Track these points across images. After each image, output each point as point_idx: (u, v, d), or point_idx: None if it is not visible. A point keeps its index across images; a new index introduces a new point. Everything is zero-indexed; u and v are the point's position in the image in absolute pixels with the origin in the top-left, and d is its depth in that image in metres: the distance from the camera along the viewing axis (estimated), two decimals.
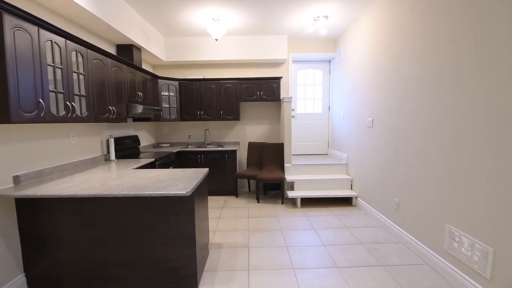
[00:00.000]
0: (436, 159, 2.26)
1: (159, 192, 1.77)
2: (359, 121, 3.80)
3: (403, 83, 2.72)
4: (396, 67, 2.85)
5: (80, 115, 2.37)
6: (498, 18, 1.69)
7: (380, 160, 3.21)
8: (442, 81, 2.19)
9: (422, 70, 2.43)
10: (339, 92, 4.64)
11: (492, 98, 1.74)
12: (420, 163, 2.47)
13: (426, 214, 2.40)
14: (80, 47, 2.38)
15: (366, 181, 3.61)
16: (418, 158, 2.50)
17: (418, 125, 2.50)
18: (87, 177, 2.26)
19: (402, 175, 2.75)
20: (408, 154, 2.66)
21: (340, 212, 3.69)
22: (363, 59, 3.63)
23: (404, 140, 2.72)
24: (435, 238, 2.29)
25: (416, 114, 2.51)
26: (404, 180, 2.72)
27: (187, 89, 4.58)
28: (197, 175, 2.28)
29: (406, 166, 2.69)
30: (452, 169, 2.09)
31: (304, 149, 5.32)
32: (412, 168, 2.59)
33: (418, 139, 2.50)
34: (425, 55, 2.39)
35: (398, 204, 2.84)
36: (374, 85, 3.34)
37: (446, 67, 2.14)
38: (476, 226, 1.88)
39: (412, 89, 2.57)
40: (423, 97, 2.42)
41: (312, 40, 4.79)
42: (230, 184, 4.47)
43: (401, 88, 2.76)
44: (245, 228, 3.18)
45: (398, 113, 2.82)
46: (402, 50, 2.73)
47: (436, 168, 2.26)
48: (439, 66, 2.22)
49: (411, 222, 2.61)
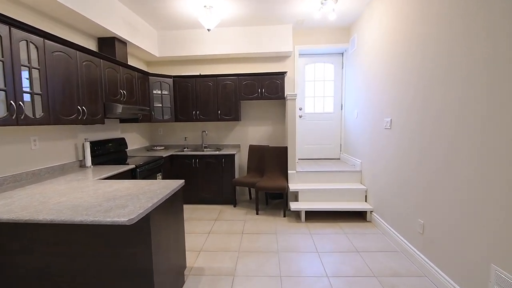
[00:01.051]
0: (474, 175, 1.68)
1: (93, 219, 1.34)
2: (374, 122, 3.22)
3: (427, 77, 2.14)
4: (419, 58, 2.26)
5: (32, 117, 2.00)
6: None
7: (400, 169, 2.63)
8: (475, 77, 1.60)
9: (451, 62, 1.84)
10: (353, 88, 4.05)
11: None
12: (453, 179, 1.88)
13: (463, 247, 1.81)
14: (32, 36, 2.01)
15: (383, 193, 3.02)
16: (449, 171, 1.92)
17: (447, 128, 1.91)
18: (37, 191, 1.89)
19: (429, 191, 2.17)
20: (436, 164, 2.07)
21: (351, 229, 3.12)
22: (379, 49, 3.05)
23: (430, 146, 2.13)
24: (474, 279, 1.71)
25: (444, 115, 1.93)
26: (432, 198, 2.13)
27: (181, 87, 4.18)
28: (163, 190, 1.84)
29: (433, 180, 2.11)
30: (502, 193, 1.50)
31: (313, 153, 4.76)
32: (442, 184, 2.01)
33: (448, 146, 1.91)
34: (455, 45, 1.80)
35: (423, 227, 2.25)
36: (392, 79, 2.75)
37: (480, 60, 1.55)
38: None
39: (439, 84, 1.98)
40: (452, 94, 1.83)
41: (322, 29, 4.23)
42: (228, 191, 4.02)
43: (425, 83, 2.17)
44: (236, 248, 2.71)
45: (422, 113, 2.23)
46: (427, 37, 2.14)
47: (477, 188, 1.68)
48: (472, 58, 1.63)
49: (441, 252, 2.03)
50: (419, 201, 2.31)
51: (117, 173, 2.61)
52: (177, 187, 1.99)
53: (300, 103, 4.66)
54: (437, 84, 2.04)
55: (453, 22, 1.87)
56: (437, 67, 2.05)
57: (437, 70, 2.04)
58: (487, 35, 1.59)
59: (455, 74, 1.85)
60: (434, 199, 2.10)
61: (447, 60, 1.94)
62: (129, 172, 2.87)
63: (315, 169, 3.83)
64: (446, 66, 1.94)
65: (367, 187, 3.49)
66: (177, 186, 1.98)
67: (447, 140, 1.95)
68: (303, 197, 3.57)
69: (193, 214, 3.68)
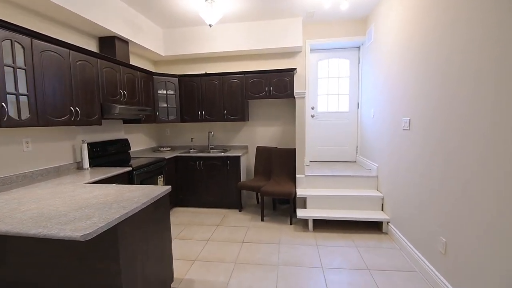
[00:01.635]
0: (506, 188, 1.33)
1: (47, 233, 1.20)
2: (392, 122, 2.86)
3: (453, 72, 1.79)
4: (443, 49, 1.91)
5: (16, 119, 1.94)
6: None
7: (420, 176, 2.28)
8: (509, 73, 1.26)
9: (482, 56, 1.50)
10: (369, 85, 3.69)
11: None
12: (485, 194, 1.54)
13: (493, 277, 1.46)
14: (17, 35, 1.95)
15: (401, 202, 2.67)
16: (481, 184, 1.57)
17: (478, 133, 1.56)
18: (17, 195, 1.81)
19: (454, 205, 1.82)
20: (463, 175, 1.72)
21: (363, 242, 2.80)
22: (398, 40, 2.69)
23: (457, 153, 1.79)
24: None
25: (474, 117, 1.58)
26: (457, 214, 1.78)
27: (187, 86, 4.06)
28: (141, 198, 1.68)
29: (459, 192, 1.76)
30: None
31: (326, 155, 4.44)
32: (470, 198, 1.66)
33: (480, 155, 1.57)
34: (488, 36, 1.45)
35: (445, 246, 1.90)
36: (412, 74, 2.40)
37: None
38: None
39: (467, 80, 1.63)
40: (482, 92, 1.49)
41: (335, 21, 3.90)
42: (233, 195, 3.83)
43: (451, 78, 1.82)
44: (233, 259, 2.51)
45: (446, 112, 1.88)
46: (453, 27, 1.79)
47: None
48: (505, 50, 1.29)
49: (470, 281, 1.68)
50: (441, 216, 1.96)
51: (111, 176, 2.51)
52: (160, 194, 1.83)
53: (313, 102, 4.36)
54: (465, 79, 1.69)
55: (486, 9, 1.53)
56: (464, 61, 1.70)
57: (464, 65, 1.69)
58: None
59: (487, 69, 1.50)
60: (460, 215, 1.75)
61: (477, 54, 1.59)
62: (126, 175, 2.77)
63: (326, 173, 3.53)
64: (477, 60, 1.59)
65: (384, 194, 3.13)
66: (159, 193, 1.82)
67: (478, 148, 1.60)
68: (311, 204, 3.29)
69: (195, 219, 3.53)
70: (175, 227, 3.28)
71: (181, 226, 3.29)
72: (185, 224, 3.36)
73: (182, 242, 2.87)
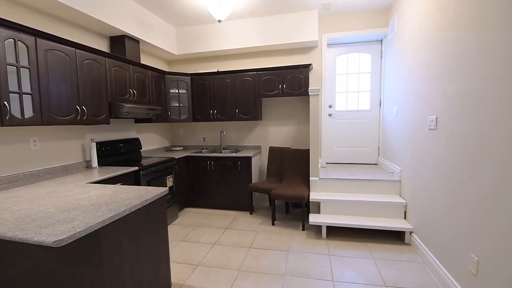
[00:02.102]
0: None
1: (22, 237, 1.13)
2: (416, 121, 2.57)
3: (484, 64, 1.51)
4: (475, 37, 1.63)
5: (19, 118, 1.94)
6: None
7: (448, 182, 1.99)
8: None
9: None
10: (392, 81, 3.38)
11: None
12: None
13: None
14: (21, 35, 1.96)
15: (427, 210, 2.38)
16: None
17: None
18: (16, 194, 1.81)
19: (488, 217, 1.54)
20: (499, 183, 1.44)
21: (382, 253, 2.53)
22: (425, 30, 2.40)
23: (491, 155, 1.50)
24: None
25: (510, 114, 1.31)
26: (492, 229, 1.50)
27: (199, 85, 4.00)
28: (132, 201, 1.59)
29: (494, 203, 1.48)
30: None
31: (345, 157, 4.16)
32: (508, 210, 1.38)
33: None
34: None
35: (477, 265, 1.62)
36: (439, 68, 2.11)
37: None
38: None
39: (499, 73, 1.36)
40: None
41: (354, 13, 3.63)
42: (244, 197, 3.70)
43: (482, 72, 1.54)
44: (237, 266, 2.37)
45: (479, 110, 1.60)
46: (488, 10, 1.51)
47: None
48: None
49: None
50: (473, 229, 1.68)
51: (115, 176, 2.48)
52: (154, 196, 1.73)
53: (330, 100, 4.11)
54: (497, 73, 1.41)
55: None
56: (498, 50, 1.42)
57: (498, 55, 1.41)
58: None
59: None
60: (496, 230, 1.47)
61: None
62: (132, 175, 2.74)
63: (343, 176, 3.27)
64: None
65: (407, 201, 2.83)
66: (153, 196, 1.72)
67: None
68: (326, 209, 3.07)
69: (204, 220, 3.44)
70: (183, 228, 3.21)
71: (189, 228, 3.21)
72: (194, 225, 3.29)
73: (188, 245, 2.79)
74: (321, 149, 3.98)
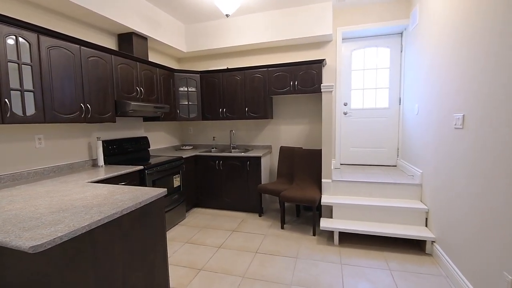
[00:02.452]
0: None
1: (2, 239, 1.07)
2: (440, 119, 2.32)
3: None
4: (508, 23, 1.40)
5: (21, 115, 1.92)
6: None
7: (476, 188, 1.76)
8: None
9: None
10: (414, 77, 3.12)
11: None
12: None
13: None
14: (23, 31, 1.93)
15: (451, 218, 2.14)
16: None
17: None
18: (16, 193, 1.78)
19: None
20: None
21: (400, 264, 2.32)
22: (451, 20, 2.16)
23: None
24: None
25: None
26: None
27: (208, 83, 3.91)
28: (126, 203, 1.50)
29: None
30: None
31: (361, 158, 3.93)
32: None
33: None
34: None
35: (510, 286, 1.39)
36: (466, 59, 1.88)
37: None
38: None
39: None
40: None
41: (371, 4, 3.39)
42: (254, 198, 3.57)
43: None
44: (242, 272, 2.25)
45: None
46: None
47: None
48: None
49: None
50: (507, 244, 1.45)
51: (118, 175, 2.43)
52: (151, 198, 1.64)
53: (345, 97, 3.89)
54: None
55: None
56: None
57: None
58: None
59: None
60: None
61: None
62: (137, 174, 2.69)
63: (358, 178, 3.06)
64: None
65: (429, 207, 2.59)
66: (149, 197, 1.63)
67: None
68: (338, 214, 2.87)
69: (212, 221, 3.35)
70: (189, 229, 3.13)
71: (196, 229, 3.13)
72: (201, 226, 3.20)
73: (193, 247, 2.70)
74: (335, 149, 3.78)
